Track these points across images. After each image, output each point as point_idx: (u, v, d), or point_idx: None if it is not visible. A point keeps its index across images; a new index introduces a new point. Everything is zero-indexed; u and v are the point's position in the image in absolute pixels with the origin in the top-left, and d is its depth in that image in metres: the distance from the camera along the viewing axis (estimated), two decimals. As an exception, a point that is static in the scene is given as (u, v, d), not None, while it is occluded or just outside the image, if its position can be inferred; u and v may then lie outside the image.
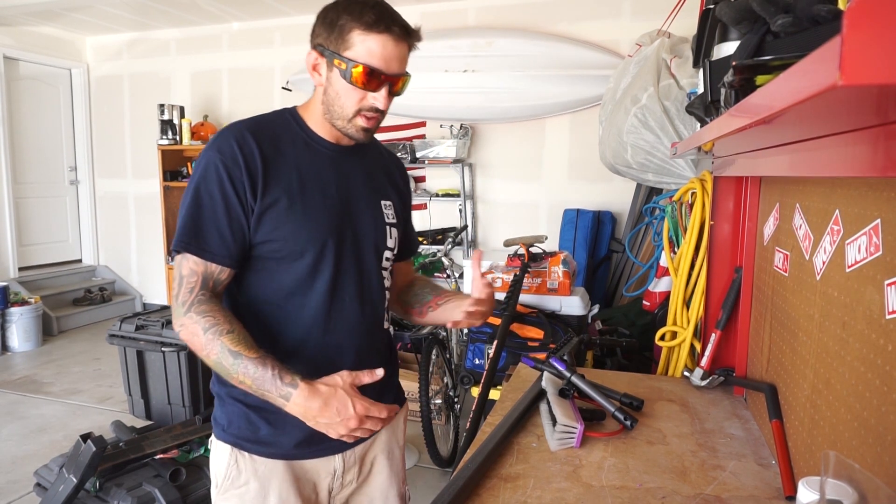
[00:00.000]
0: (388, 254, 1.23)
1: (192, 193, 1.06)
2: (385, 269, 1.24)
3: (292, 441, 1.13)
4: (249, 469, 1.13)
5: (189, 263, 1.05)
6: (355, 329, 1.17)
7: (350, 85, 1.06)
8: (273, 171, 1.09)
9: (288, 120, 1.17)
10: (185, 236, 1.05)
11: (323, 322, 1.13)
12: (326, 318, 1.13)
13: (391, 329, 1.30)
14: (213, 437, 1.18)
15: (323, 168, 1.15)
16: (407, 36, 1.08)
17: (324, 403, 0.98)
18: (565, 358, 1.50)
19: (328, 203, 1.14)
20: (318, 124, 1.16)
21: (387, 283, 1.25)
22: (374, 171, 1.25)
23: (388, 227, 1.23)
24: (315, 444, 1.14)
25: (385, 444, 1.29)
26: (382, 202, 1.23)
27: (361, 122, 1.10)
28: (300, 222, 1.10)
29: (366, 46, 1.04)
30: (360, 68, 1.04)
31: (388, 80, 1.07)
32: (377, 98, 1.07)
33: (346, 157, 1.19)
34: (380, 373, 1.03)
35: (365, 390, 1.05)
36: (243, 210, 1.06)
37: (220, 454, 1.15)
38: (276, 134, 1.13)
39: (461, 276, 3.47)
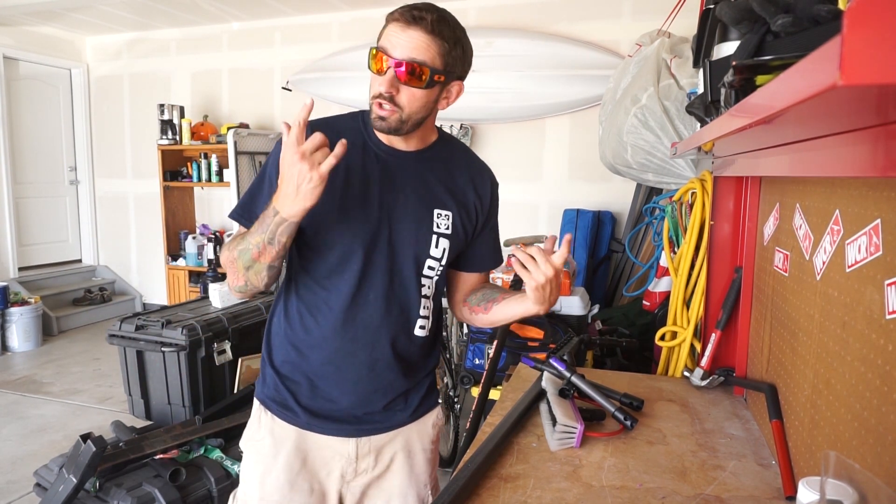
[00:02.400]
0: (431, 262, 1.23)
1: (257, 176, 1.21)
2: (427, 276, 1.24)
3: (308, 413, 1.22)
4: (268, 427, 1.24)
5: (240, 229, 1.18)
6: (376, 326, 1.20)
7: (370, 72, 1.11)
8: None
9: (357, 119, 1.23)
10: (239, 208, 1.20)
11: (345, 312, 1.19)
12: (349, 309, 1.19)
13: (431, 336, 1.29)
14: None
15: (372, 170, 1.18)
16: (415, 22, 1.06)
17: (283, 178, 1.01)
18: (565, 358, 1.50)
19: (366, 203, 1.16)
20: None
21: (427, 291, 1.25)
22: (434, 179, 1.23)
23: (435, 237, 1.22)
24: (330, 421, 1.22)
25: (405, 443, 1.29)
26: (436, 210, 1.22)
27: (376, 109, 1.12)
28: (333, 218, 1.15)
29: (383, 33, 1.09)
30: (371, 52, 1.09)
31: (391, 65, 1.06)
32: (381, 82, 1.08)
33: (399, 160, 1.20)
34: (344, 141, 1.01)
35: (386, 391, 1.24)
36: None
37: (254, 408, 1.29)
38: (339, 132, 1.15)
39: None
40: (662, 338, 1.96)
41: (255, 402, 1.29)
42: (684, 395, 1.55)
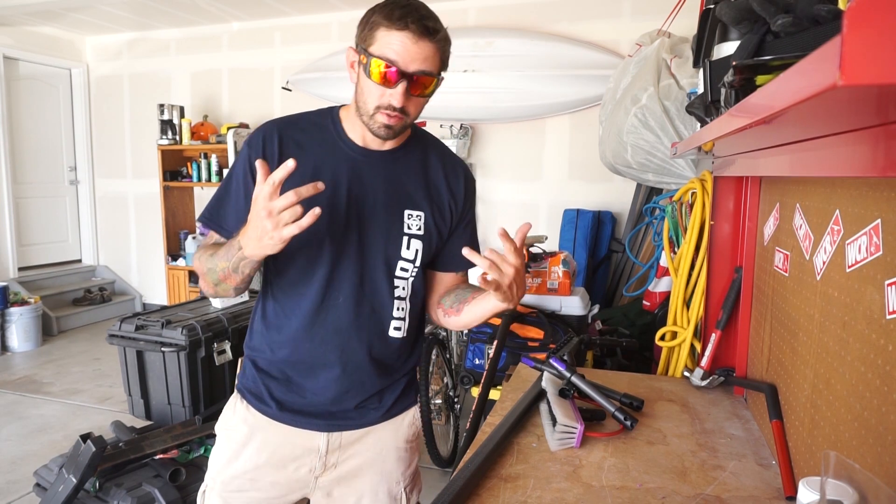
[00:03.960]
0: (404, 264, 1.22)
1: (225, 178, 1.21)
2: (401, 277, 1.22)
3: (281, 406, 1.23)
4: (242, 415, 1.26)
5: (212, 235, 1.21)
6: (346, 328, 1.20)
7: (370, 81, 1.08)
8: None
9: (327, 118, 1.22)
10: (207, 212, 1.20)
11: (314, 314, 1.19)
12: (318, 311, 1.19)
13: (410, 337, 1.28)
14: None
15: (341, 170, 1.17)
16: (428, 34, 1.06)
17: (246, 226, 1.02)
18: (565, 358, 1.50)
19: (335, 204, 1.15)
20: (350, 124, 1.20)
21: (402, 293, 1.23)
22: (406, 178, 1.22)
23: (406, 238, 1.21)
24: (302, 415, 1.23)
25: (377, 441, 1.28)
26: (406, 211, 1.21)
27: (382, 118, 1.10)
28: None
29: (386, 42, 1.06)
30: (378, 63, 1.06)
31: (404, 78, 1.06)
32: (393, 95, 1.07)
33: (370, 160, 1.19)
34: (320, 185, 0.98)
35: (358, 391, 1.23)
36: None
37: (231, 396, 1.31)
38: (307, 131, 1.19)
39: (461, 276, 3.46)
40: (662, 338, 1.96)
41: (235, 392, 1.31)
42: (684, 395, 1.55)
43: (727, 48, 0.94)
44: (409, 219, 1.21)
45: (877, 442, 0.78)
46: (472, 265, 1.30)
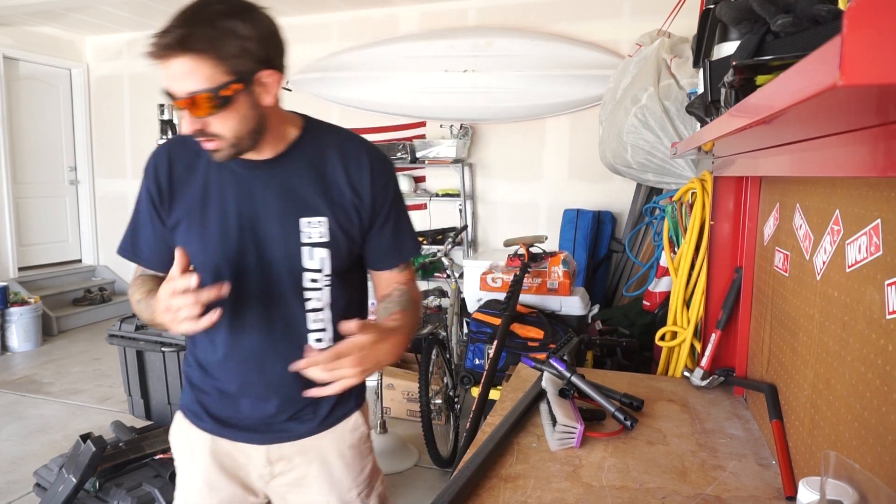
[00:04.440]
0: (312, 275, 1.13)
1: (135, 206, 1.19)
2: (312, 289, 1.14)
3: (217, 422, 1.22)
4: (185, 434, 1.25)
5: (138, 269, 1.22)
6: (261, 348, 1.16)
7: None
8: (180, 192, 1.13)
9: None
10: (125, 243, 1.20)
11: (229, 338, 1.16)
12: (231, 335, 1.15)
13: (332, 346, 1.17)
14: None
15: (228, 188, 1.10)
16: (170, 49, 0.92)
17: (159, 302, 1.02)
18: (565, 358, 1.50)
19: (226, 225, 1.10)
20: None
21: (316, 304, 1.15)
22: (299, 184, 1.11)
23: (306, 248, 1.11)
24: (238, 430, 1.21)
25: (318, 452, 1.23)
26: (303, 220, 1.10)
27: (203, 145, 1.02)
28: (196, 246, 1.10)
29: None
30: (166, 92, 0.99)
31: (181, 104, 0.96)
32: (185, 122, 0.98)
33: (256, 172, 1.10)
34: (224, 290, 0.98)
35: (287, 406, 1.19)
36: (161, 222, 1.15)
37: (175, 417, 1.29)
38: (196, 149, 1.08)
39: (461, 275, 3.47)
40: (662, 338, 1.96)
41: (178, 410, 1.30)
42: (684, 395, 1.55)
43: (727, 48, 0.94)
44: (307, 227, 1.10)
45: (877, 442, 0.78)
46: (400, 261, 1.23)
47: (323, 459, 1.23)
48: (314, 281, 1.14)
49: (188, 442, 1.25)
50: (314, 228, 1.11)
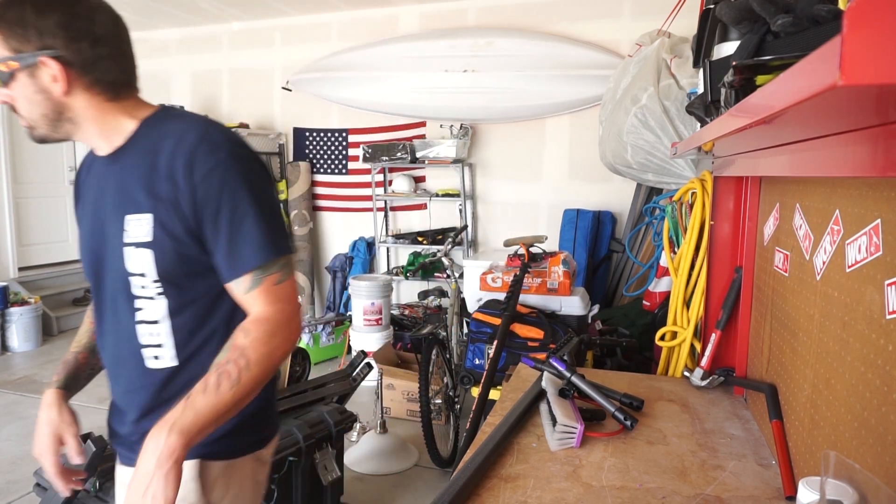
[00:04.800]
0: (137, 280, 0.98)
1: None
2: (142, 297, 0.99)
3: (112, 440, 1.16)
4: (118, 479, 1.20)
5: None
6: (111, 359, 1.09)
7: None
8: (78, 197, 1.11)
9: None
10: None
11: (100, 348, 1.12)
12: (101, 350, 1.12)
13: (183, 367, 1.02)
14: None
15: (90, 186, 1.07)
16: None
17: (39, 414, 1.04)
18: (565, 358, 1.50)
19: (85, 228, 1.07)
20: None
21: (146, 315, 1.00)
22: (130, 179, 0.99)
23: (128, 249, 0.97)
24: (120, 447, 1.17)
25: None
26: (127, 217, 0.97)
27: None
28: (79, 245, 1.09)
29: None
30: None
31: None
32: None
33: (105, 168, 1.04)
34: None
35: (139, 427, 1.04)
36: None
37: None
38: (90, 157, 1.09)
39: (461, 275, 3.47)
40: (662, 338, 1.96)
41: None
42: (684, 395, 1.55)
43: (727, 48, 0.94)
44: (128, 225, 0.97)
45: (877, 442, 0.78)
46: (249, 267, 0.95)
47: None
48: (143, 287, 0.98)
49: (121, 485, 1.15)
50: (139, 227, 0.96)
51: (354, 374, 2.70)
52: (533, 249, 2.66)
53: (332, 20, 5.07)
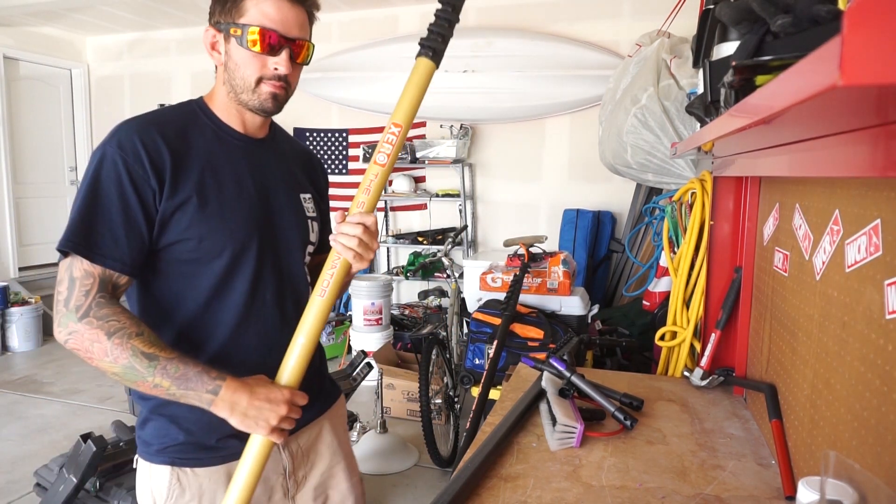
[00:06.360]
0: (310, 248, 1.20)
1: (87, 190, 0.96)
2: (307, 264, 1.20)
3: (228, 443, 1.07)
4: (194, 485, 1.06)
5: (82, 265, 0.95)
6: (276, 328, 1.11)
7: (248, 52, 1.02)
8: (182, 166, 1.02)
9: (195, 110, 1.11)
10: (75, 235, 0.94)
11: (241, 324, 1.08)
12: (245, 319, 1.08)
13: None
14: (140, 461, 1.09)
15: (236, 160, 1.09)
16: (301, 0, 1.06)
17: (251, 394, 0.96)
18: (565, 358, 1.50)
19: (244, 197, 1.08)
20: (225, 112, 1.10)
21: (308, 278, 1.20)
22: (290, 164, 1.20)
23: (309, 221, 1.19)
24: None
25: (330, 437, 1.25)
26: (302, 195, 1.19)
27: (267, 88, 1.04)
28: (216, 220, 1.03)
29: (260, 10, 1.01)
30: (256, 31, 1.00)
31: (288, 44, 1.03)
32: (278, 63, 1.03)
33: (258, 148, 1.14)
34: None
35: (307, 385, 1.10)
36: (144, 213, 0.98)
37: (158, 477, 1.06)
38: (183, 126, 1.07)
39: (461, 275, 3.47)
40: (662, 338, 1.96)
41: (157, 469, 1.06)
42: (684, 395, 1.55)
43: (727, 48, 0.94)
44: (305, 202, 1.20)
45: (877, 442, 0.78)
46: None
47: (330, 443, 1.25)
48: (309, 255, 1.20)
49: (199, 491, 1.06)
50: (308, 203, 1.20)
51: (354, 373, 2.71)
52: (533, 249, 2.66)
53: (332, 20, 5.07)
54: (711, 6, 1.02)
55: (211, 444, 1.07)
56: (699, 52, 1.18)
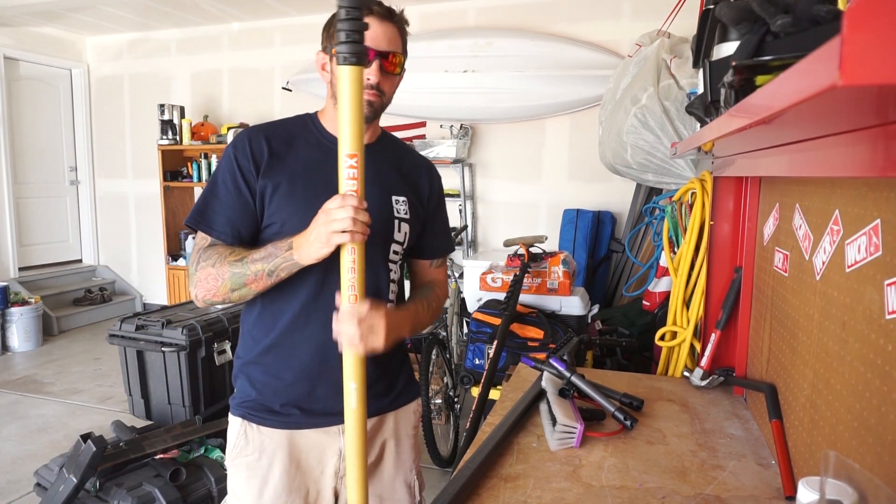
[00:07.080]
0: (395, 247, 1.29)
1: (210, 180, 1.23)
2: (392, 261, 1.29)
3: (290, 411, 1.23)
4: (256, 440, 1.24)
5: (199, 236, 1.21)
6: None
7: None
8: (278, 160, 1.21)
9: (306, 122, 1.30)
10: (195, 213, 1.21)
11: (310, 308, 1.21)
12: (314, 304, 1.21)
13: None
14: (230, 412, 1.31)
15: (330, 161, 1.19)
16: (390, 17, 1.20)
17: (314, 222, 1.07)
18: (565, 358, 1.50)
19: (330, 190, 1.14)
20: (332, 122, 1.27)
21: (394, 276, 1.30)
22: (387, 169, 1.31)
23: (396, 221, 1.28)
24: (317, 415, 1.24)
25: (392, 429, 1.34)
26: (393, 197, 1.29)
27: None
28: (300, 205, 1.18)
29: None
30: None
31: (378, 57, 1.17)
32: (370, 73, 1.16)
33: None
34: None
35: (377, 380, 1.25)
36: (250, 192, 1.19)
37: (233, 426, 1.27)
38: (291, 133, 1.26)
39: (461, 275, 3.47)
40: (662, 338, 1.96)
41: (233, 419, 1.28)
42: (684, 395, 1.55)
43: (727, 48, 0.94)
44: (396, 203, 1.29)
45: (877, 442, 0.78)
46: (446, 253, 1.45)
47: (397, 438, 1.33)
48: (396, 254, 1.30)
49: (261, 446, 1.24)
50: (400, 205, 1.30)
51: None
52: (533, 249, 2.66)
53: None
54: (711, 6, 1.02)
55: (275, 408, 1.24)
56: (699, 52, 1.18)
